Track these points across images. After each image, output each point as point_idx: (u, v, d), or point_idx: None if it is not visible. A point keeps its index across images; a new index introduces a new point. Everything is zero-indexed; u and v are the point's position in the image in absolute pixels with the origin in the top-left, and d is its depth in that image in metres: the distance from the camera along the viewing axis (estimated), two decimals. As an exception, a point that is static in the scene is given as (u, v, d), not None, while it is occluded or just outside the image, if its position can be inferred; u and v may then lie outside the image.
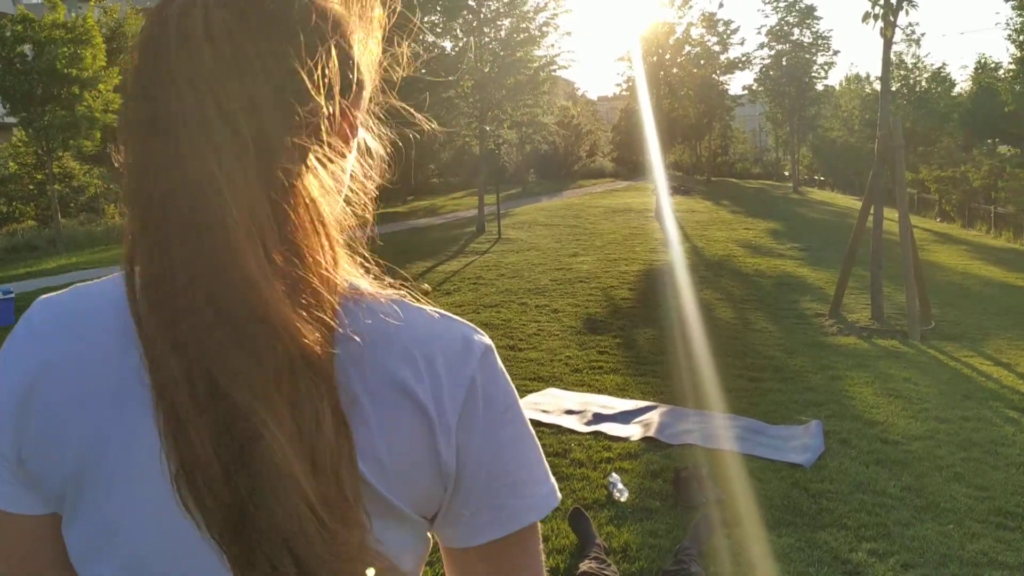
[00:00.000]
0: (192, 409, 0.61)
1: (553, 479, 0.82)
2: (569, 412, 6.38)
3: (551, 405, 6.55)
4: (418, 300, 0.81)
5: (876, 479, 5.01)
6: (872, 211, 10.12)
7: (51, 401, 0.70)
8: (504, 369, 0.81)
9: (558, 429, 5.97)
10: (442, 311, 0.82)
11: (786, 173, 49.73)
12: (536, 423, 6.10)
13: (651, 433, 5.82)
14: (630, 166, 48.55)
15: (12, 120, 22.40)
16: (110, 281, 0.75)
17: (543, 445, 3.82)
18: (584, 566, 3.79)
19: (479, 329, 0.82)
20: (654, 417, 6.21)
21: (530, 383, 7.27)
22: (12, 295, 10.05)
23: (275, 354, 0.62)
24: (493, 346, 0.81)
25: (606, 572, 3.74)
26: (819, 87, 39.75)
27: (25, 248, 20.77)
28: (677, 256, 15.76)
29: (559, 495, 0.82)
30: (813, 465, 5.20)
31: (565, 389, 7.07)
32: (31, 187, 23.90)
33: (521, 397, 4.29)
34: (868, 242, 10.27)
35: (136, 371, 0.66)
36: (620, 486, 4.82)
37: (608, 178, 46.12)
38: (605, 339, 9.09)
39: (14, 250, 20.57)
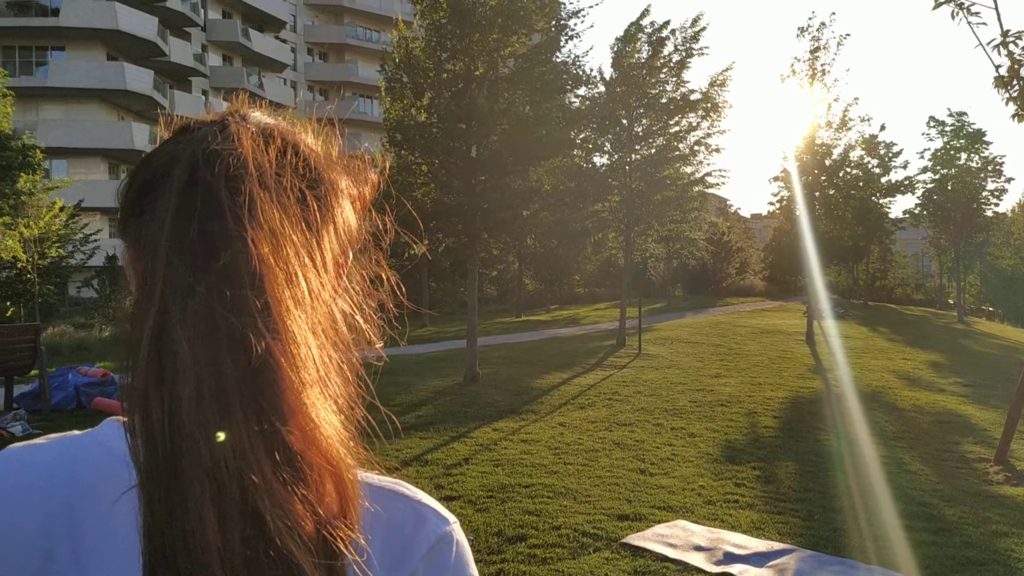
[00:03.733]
0: None
1: None
2: (698, 548, 6.04)
3: (679, 539, 6.22)
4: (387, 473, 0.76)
5: (1045, 661, 4.42)
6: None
7: None
8: (465, 563, 0.75)
9: (684, 566, 5.65)
10: (402, 484, 0.77)
11: (950, 301, 47.11)
12: (662, 558, 5.80)
13: (786, 580, 5.41)
14: (782, 285, 47.46)
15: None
16: (60, 446, 0.74)
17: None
18: None
19: (444, 512, 0.76)
20: (791, 562, 5.79)
21: (658, 512, 6.95)
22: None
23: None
24: (454, 535, 0.75)
25: None
26: (988, 213, 37.77)
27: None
28: (827, 384, 15.03)
29: None
30: (970, 636, 4.67)
31: (696, 522, 6.72)
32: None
33: (648, 527, 4.13)
34: (1041, 383, 9.44)
35: (63, 561, 0.66)
36: (747, 639, 4.46)
37: (758, 297, 45.23)
38: (743, 470, 8.66)
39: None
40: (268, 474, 0.58)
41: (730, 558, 5.86)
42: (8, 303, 25.33)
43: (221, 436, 0.57)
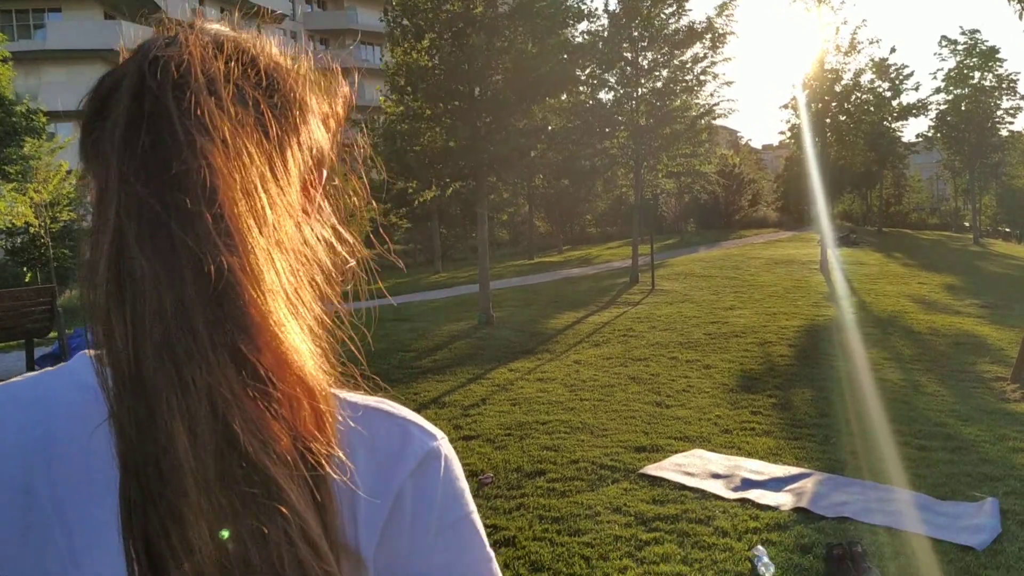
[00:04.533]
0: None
1: None
2: (715, 476, 6.09)
3: (696, 468, 6.27)
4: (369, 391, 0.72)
5: (1063, 570, 4.46)
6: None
7: None
8: (455, 479, 0.72)
9: (702, 494, 5.70)
10: (386, 403, 0.73)
11: (966, 224, 46.75)
12: (679, 487, 5.86)
13: (803, 503, 5.46)
14: (795, 215, 47.12)
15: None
16: (33, 383, 0.72)
17: (686, 510, 3.65)
18: (720, 647, 3.55)
19: (431, 428, 0.73)
20: (808, 485, 5.83)
21: (676, 443, 7.01)
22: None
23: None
24: (442, 450, 0.72)
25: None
26: (1003, 133, 37.20)
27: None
28: (842, 311, 15.00)
29: None
30: (987, 548, 4.70)
31: (713, 451, 6.77)
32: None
33: (665, 457, 4.14)
34: (1057, 301, 9.38)
35: (44, 496, 0.65)
36: (766, 560, 4.52)
37: (771, 228, 44.92)
38: (759, 398, 8.69)
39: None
40: (238, 390, 0.57)
41: (748, 484, 5.91)
42: (24, 268, 25.51)
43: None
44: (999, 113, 35.51)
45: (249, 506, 0.56)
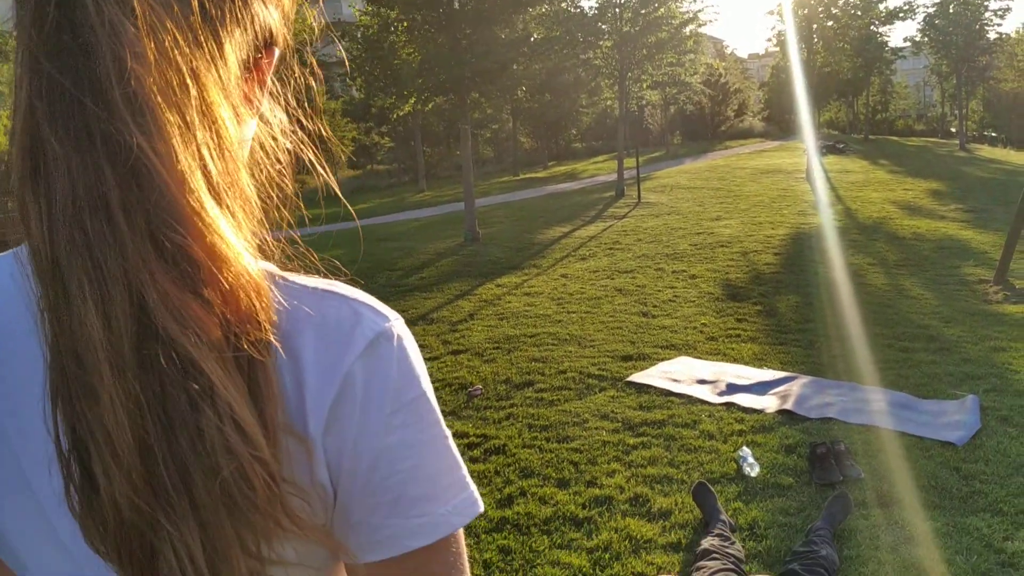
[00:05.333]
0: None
1: (470, 489, 0.70)
2: (702, 382, 6.16)
3: (682, 374, 6.35)
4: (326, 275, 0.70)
5: (1039, 461, 4.57)
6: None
7: None
8: (410, 359, 0.69)
9: (688, 399, 5.78)
10: (339, 285, 0.70)
11: (952, 130, 46.51)
12: (666, 393, 5.93)
13: (788, 406, 5.54)
14: (782, 125, 46.83)
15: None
16: None
17: (672, 416, 3.69)
18: (707, 543, 3.64)
19: (383, 309, 0.70)
20: (793, 388, 5.92)
21: (662, 351, 7.07)
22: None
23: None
24: (395, 331, 0.69)
25: (729, 550, 3.57)
26: (991, 35, 36.72)
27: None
28: (827, 219, 15.01)
29: (478, 507, 0.70)
30: (967, 444, 4.80)
31: (699, 358, 6.84)
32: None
33: (651, 365, 4.16)
34: (1041, 202, 9.38)
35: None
36: (751, 460, 4.60)
37: (757, 138, 44.67)
38: (744, 306, 8.75)
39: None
40: (158, 274, 0.55)
41: (733, 388, 5.98)
42: (8, 202, 25.26)
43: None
44: (987, 15, 35.00)
45: (171, 391, 0.55)
